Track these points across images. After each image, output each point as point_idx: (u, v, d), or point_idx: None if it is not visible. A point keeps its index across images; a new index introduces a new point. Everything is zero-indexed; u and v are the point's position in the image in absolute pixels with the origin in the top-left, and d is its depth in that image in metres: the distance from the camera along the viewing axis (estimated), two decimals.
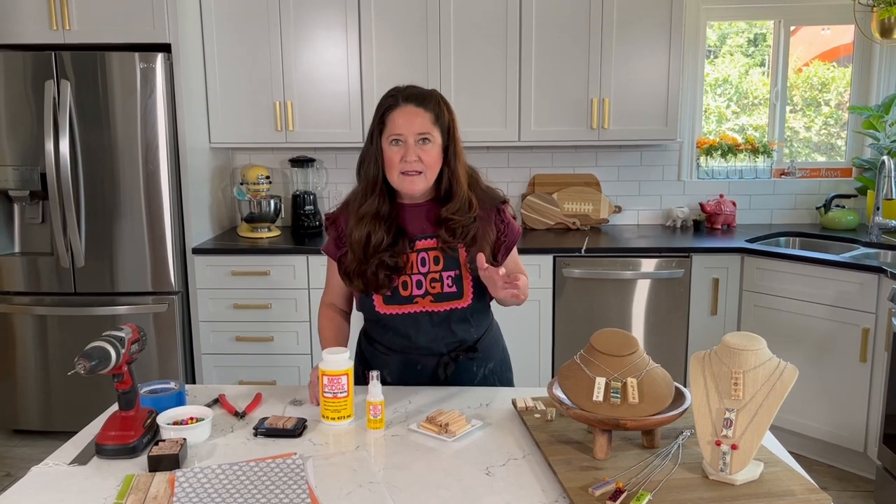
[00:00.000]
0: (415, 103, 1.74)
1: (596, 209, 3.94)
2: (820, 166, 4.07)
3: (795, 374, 1.36)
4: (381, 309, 1.82)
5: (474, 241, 1.79)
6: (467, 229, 1.78)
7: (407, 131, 1.72)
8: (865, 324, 3.02)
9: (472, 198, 1.81)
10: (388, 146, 1.75)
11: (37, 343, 3.51)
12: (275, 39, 3.60)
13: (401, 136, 1.73)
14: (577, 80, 3.61)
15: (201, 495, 1.33)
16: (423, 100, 1.76)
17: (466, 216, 1.78)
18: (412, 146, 1.73)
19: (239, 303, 3.50)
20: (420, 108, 1.74)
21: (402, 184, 1.75)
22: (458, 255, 1.80)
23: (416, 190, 1.76)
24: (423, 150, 1.73)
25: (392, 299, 1.80)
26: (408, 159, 1.72)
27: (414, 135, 1.73)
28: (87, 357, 1.41)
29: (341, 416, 1.63)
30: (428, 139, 1.74)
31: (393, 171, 1.75)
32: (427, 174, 1.75)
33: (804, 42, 4.14)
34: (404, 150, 1.73)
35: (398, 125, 1.73)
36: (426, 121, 1.74)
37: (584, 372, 1.47)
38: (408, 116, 1.73)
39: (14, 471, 3.30)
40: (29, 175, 3.36)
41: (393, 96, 1.77)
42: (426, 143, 1.74)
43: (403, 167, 1.73)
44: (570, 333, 3.48)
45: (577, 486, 1.31)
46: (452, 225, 1.77)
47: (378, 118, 1.77)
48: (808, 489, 1.30)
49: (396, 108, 1.75)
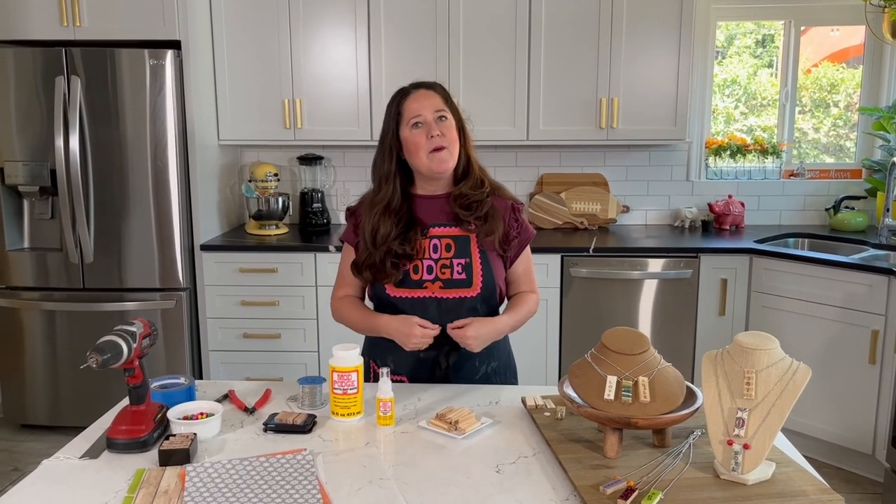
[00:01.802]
0: (424, 87, 1.85)
1: (604, 209, 3.94)
2: (829, 167, 4.06)
3: (808, 375, 1.35)
4: (392, 292, 1.83)
5: (486, 219, 1.83)
6: (481, 205, 1.83)
7: (425, 111, 1.80)
8: (875, 325, 3.01)
9: (485, 178, 1.88)
10: (410, 131, 1.81)
11: (45, 338, 3.52)
12: (284, 37, 3.61)
13: (420, 116, 1.80)
14: (586, 80, 3.60)
15: (212, 490, 1.33)
16: (431, 85, 1.87)
17: (479, 191, 1.84)
18: (433, 123, 1.80)
19: (246, 300, 3.50)
20: (431, 91, 1.84)
21: (433, 163, 1.80)
22: (471, 242, 1.84)
23: (446, 168, 1.81)
24: (443, 126, 1.81)
25: (402, 283, 1.83)
26: (433, 134, 1.78)
27: (432, 112, 1.81)
28: (100, 351, 1.41)
29: (351, 413, 1.63)
30: (444, 116, 1.82)
31: (420, 153, 1.79)
32: (452, 150, 1.81)
33: (813, 43, 4.12)
34: (427, 128, 1.79)
35: (415, 108, 1.81)
36: (439, 100, 1.83)
37: (596, 370, 1.46)
38: (423, 99, 1.82)
39: (22, 465, 3.31)
40: (39, 171, 3.37)
41: (402, 88, 1.87)
42: (444, 121, 1.82)
43: (430, 144, 1.79)
44: (578, 333, 3.47)
45: (588, 485, 1.31)
46: (466, 200, 1.83)
47: (394, 111, 1.84)
48: (820, 490, 1.29)
49: (410, 95, 1.84)
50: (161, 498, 1.31)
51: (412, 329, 1.75)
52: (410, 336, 1.75)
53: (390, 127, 1.84)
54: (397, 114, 1.83)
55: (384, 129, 1.86)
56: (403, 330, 1.76)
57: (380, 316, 1.83)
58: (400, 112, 1.82)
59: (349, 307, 1.92)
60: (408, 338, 1.75)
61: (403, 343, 1.77)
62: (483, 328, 1.78)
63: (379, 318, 1.82)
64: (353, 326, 1.92)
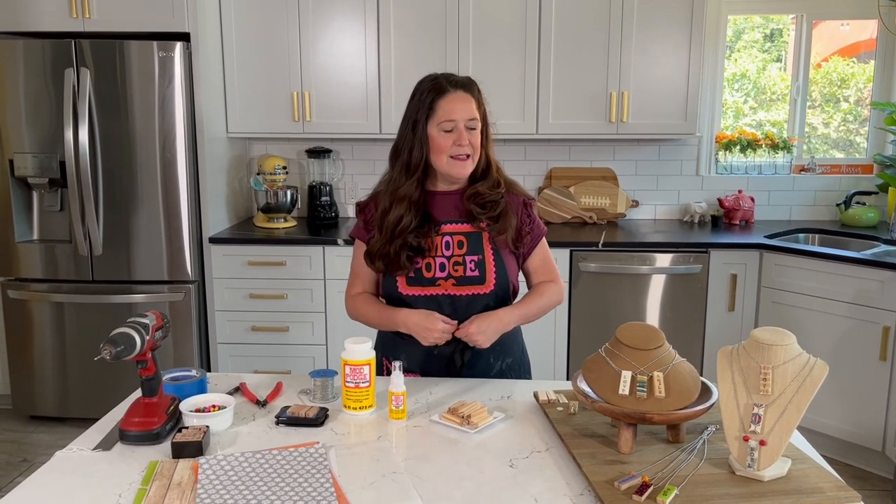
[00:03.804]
0: (463, 89, 1.79)
1: (613, 203, 3.92)
2: (840, 163, 4.03)
3: (825, 371, 1.34)
4: (404, 290, 1.82)
5: (500, 218, 1.82)
6: (496, 204, 1.82)
7: (459, 117, 1.77)
8: (886, 322, 2.99)
9: (501, 179, 1.87)
10: (438, 133, 1.78)
11: (54, 330, 3.53)
12: (293, 30, 3.59)
13: (453, 122, 1.77)
14: (596, 73, 3.58)
15: (225, 483, 1.32)
16: (468, 86, 1.81)
17: (495, 192, 1.83)
18: (464, 132, 1.77)
19: (255, 293, 3.50)
20: (468, 94, 1.80)
21: (452, 168, 1.79)
22: (483, 239, 1.83)
23: (465, 174, 1.81)
24: (471, 135, 1.79)
25: (415, 280, 1.81)
26: (462, 143, 1.77)
27: (465, 120, 1.78)
28: (113, 343, 1.41)
29: (363, 406, 1.62)
30: (475, 126, 1.80)
31: (442, 156, 1.78)
32: (474, 157, 1.81)
33: (823, 37, 4.09)
34: (457, 136, 1.77)
35: (451, 111, 1.77)
36: (473, 107, 1.80)
37: (610, 365, 1.46)
38: (459, 102, 1.78)
39: (32, 456, 3.32)
40: (48, 163, 3.37)
41: (439, 83, 1.79)
42: (473, 130, 1.79)
43: (455, 151, 1.78)
44: (586, 327, 3.46)
45: (602, 480, 1.30)
46: (481, 199, 1.82)
47: (427, 105, 1.78)
48: (837, 486, 1.29)
49: (446, 95, 1.78)
50: (174, 490, 1.31)
51: (435, 324, 1.73)
52: (433, 331, 1.73)
53: (420, 120, 1.78)
54: (429, 108, 1.77)
55: (413, 118, 1.79)
56: (425, 324, 1.74)
57: (398, 310, 1.81)
58: (433, 108, 1.77)
59: (365, 303, 1.90)
60: (430, 332, 1.74)
61: (423, 337, 1.75)
62: (485, 322, 1.76)
63: (398, 313, 1.80)
64: (369, 322, 1.89)
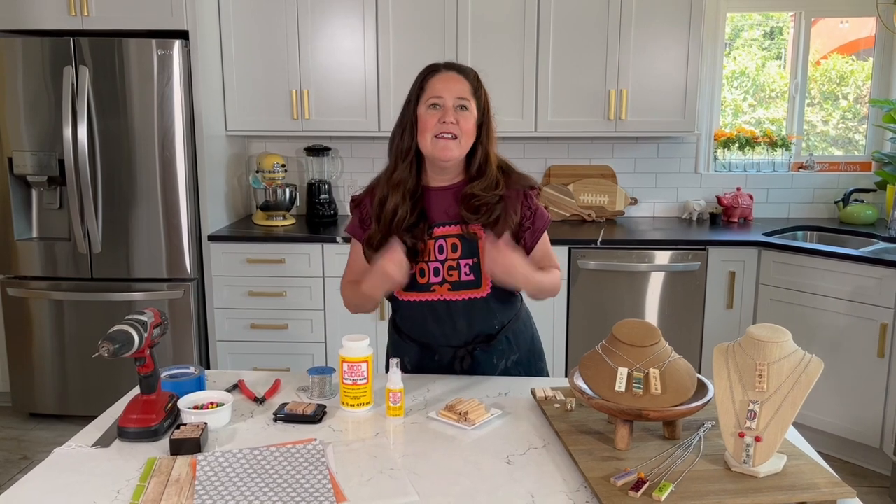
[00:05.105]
0: (455, 71, 1.77)
1: (612, 201, 3.93)
2: (839, 160, 4.04)
3: (821, 367, 1.35)
4: (400, 295, 1.82)
5: (496, 222, 1.75)
6: (491, 209, 1.74)
7: (446, 94, 1.72)
8: (884, 319, 3.00)
9: (501, 180, 1.78)
10: (426, 110, 1.73)
11: (53, 328, 3.54)
12: (292, 27, 3.59)
13: (440, 98, 1.72)
14: (594, 71, 3.59)
15: (223, 479, 1.33)
16: (464, 70, 1.78)
17: (491, 194, 1.75)
18: (450, 109, 1.72)
19: (254, 290, 3.51)
20: (461, 76, 1.76)
21: (435, 148, 1.71)
22: (477, 242, 1.76)
23: (449, 156, 1.72)
24: (460, 115, 1.72)
25: (409, 286, 1.78)
26: (446, 120, 1.70)
27: (453, 98, 1.72)
28: (111, 340, 1.41)
29: (360, 403, 1.63)
30: (465, 107, 1.73)
31: (427, 135, 1.72)
32: (462, 141, 1.73)
33: (822, 35, 4.10)
34: (442, 113, 1.71)
35: (437, 88, 1.73)
36: (465, 88, 1.75)
37: (606, 362, 1.46)
38: (448, 81, 1.74)
39: (31, 454, 3.33)
40: (47, 161, 3.37)
41: (434, 65, 1.78)
42: (464, 111, 1.73)
43: (439, 129, 1.71)
44: (585, 325, 3.47)
45: (598, 476, 1.31)
46: (476, 202, 1.74)
47: (417, 85, 1.76)
48: (832, 482, 1.29)
49: (437, 74, 1.76)
50: (172, 486, 1.31)
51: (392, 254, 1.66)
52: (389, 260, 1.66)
53: (412, 101, 1.76)
54: (420, 88, 1.75)
55: (408, 100, 1.77)
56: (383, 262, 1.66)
57: None
58: (423, 87, 1.74)
59: (352, 284, 1.84)
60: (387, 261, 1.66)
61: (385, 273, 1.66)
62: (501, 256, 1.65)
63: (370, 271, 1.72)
64: (359, 298, 1.83)
